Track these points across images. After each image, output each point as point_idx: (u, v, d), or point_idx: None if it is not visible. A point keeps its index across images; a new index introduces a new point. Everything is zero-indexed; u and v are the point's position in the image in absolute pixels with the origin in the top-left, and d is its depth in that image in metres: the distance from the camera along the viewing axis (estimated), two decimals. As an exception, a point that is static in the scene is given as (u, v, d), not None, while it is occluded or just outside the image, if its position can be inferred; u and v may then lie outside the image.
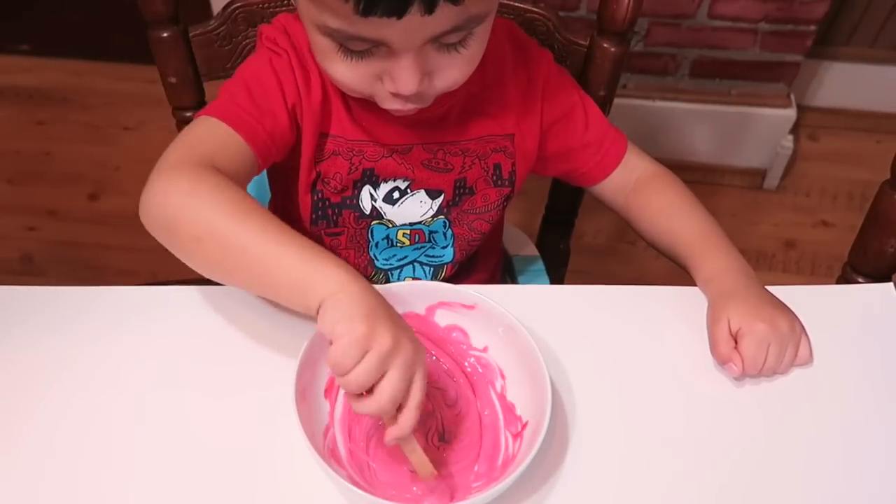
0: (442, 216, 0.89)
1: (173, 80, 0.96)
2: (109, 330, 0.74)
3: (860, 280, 0.89)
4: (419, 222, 0.88)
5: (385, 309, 0.61)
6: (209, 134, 0.74)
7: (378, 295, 0.62)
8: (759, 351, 0.72)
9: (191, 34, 0.94)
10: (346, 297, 0.60)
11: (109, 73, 2.27)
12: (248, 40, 0.95)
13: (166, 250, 0.73)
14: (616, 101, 1.00)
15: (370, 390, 0.58)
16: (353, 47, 0.66)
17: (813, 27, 1.73)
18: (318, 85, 0.79)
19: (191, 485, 0.65)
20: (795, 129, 1.96)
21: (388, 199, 0.86)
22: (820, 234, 1.94)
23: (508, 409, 0.70)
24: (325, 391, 0.69)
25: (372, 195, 0.85)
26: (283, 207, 0.94)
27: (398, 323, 0.61)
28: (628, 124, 1.94)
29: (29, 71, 2.30)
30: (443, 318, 0.73)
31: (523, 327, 0.68)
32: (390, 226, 0.88)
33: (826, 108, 2.14)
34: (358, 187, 0.84)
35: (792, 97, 1.89)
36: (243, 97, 0.76)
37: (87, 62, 2.30)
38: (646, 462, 0.68)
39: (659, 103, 1.90)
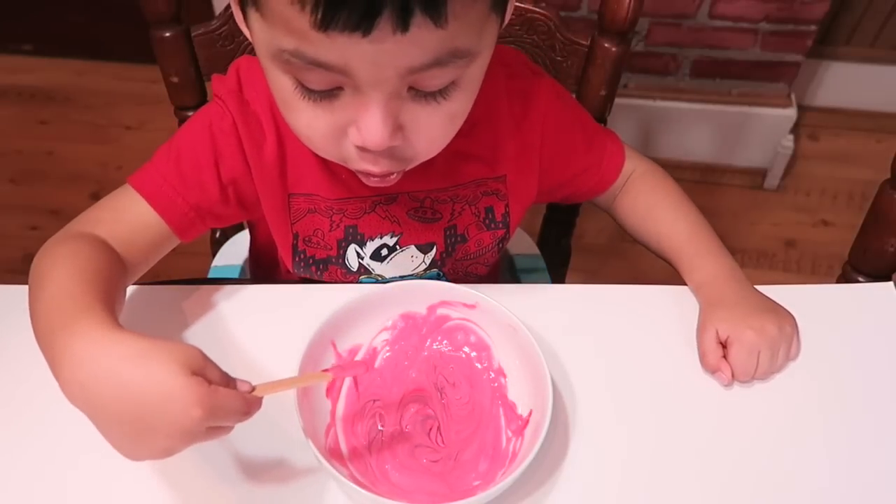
0: (435, 269, 0.84)
1: (175, 79, 0.96)
2: None
3: (860, 279, 0.89)
4: (411, 275, 0.83)
5: (130, 421, 0.52)
6: (115, 203, 0.72)
7: (119, 394, 0.52)
8: (750, 359, 0.72)
9: (193, 34, 0.94)
10: (88, 415, 0.53)
11: (112, 72, 2.27)
12: (249, 40, 0.95)
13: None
14: (617, 100, 1.00)
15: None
16: (312, 84, 0.56)
17: (813, 27, 1.73)
18: (273, 144, 0.73)
19: (192, 484, 0.65)
20: (796, 129, 1.96)
21: (376, 256, 0.80)
22: (820, 233, 1.93)
23: (510, 407, 0.70)
24: (327, 390, 0.69)
25: (359, 253, 0.80)
26: (257, 254, 0.91)
27: (147, 425, 0.52)
28: (629, 124, 1.96)
29: (31, 71, 2.30)
30: (444, 317, 0.74)
31: (524, 326, 0.68)
32: (380, 279, 0.83)
33: (826, 108, 2.14)
34: (342, 247, 0.79)
35: (792, 97, 1.89)
36: (169, 166, 0.72)
37: (89, 62, 2.30)
38: (647, 461, 0.68)
39: (660, 103, 1.90)
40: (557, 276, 1.16)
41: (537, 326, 0.72)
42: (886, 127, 2.11)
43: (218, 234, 1.15)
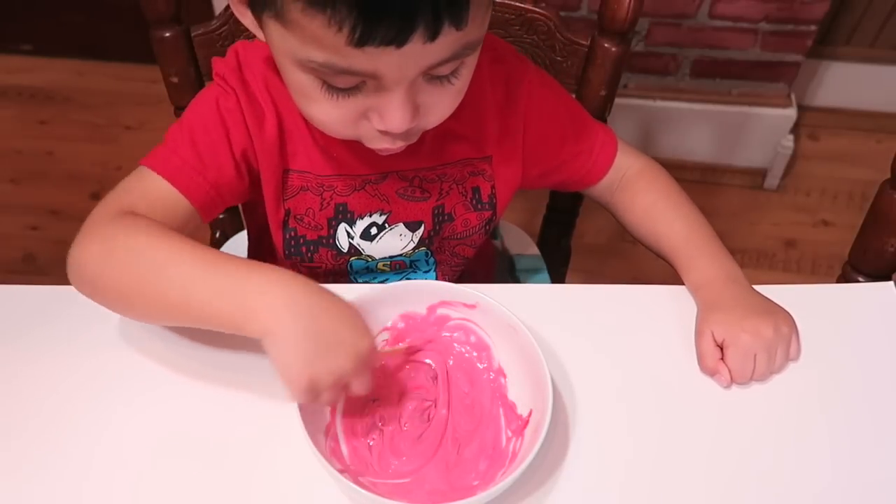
0: (423, 247, 0.85)
1: (175, 79, 0.96)
2: (111, 329, 0.74)
3: (860, 279, 0.89)
4: (400, 255, 0.85)
5: (325, 332, 0.60)
6: (143, 187, 0.73)
7: (316, 309, 0.61)
8: (746, 362, 0.72)
9: (193, 34, 0.94)
10: (279, 338, 0.60)
11: (111, 72, 2.27)
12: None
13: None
14: (617, 100, 1.00)
15: None
16: (338, 84, 0.60)
17: (813, 27, 1.73)
18: (273, 121, 0.75)
19: (192, 483, 0.65)
20: (796, 129, 1.96)
21: (366, 235, 0.82)
22: (820, 233, 1.93)
23: (510, 407, 0.70)
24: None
25: (349, 233, 0.81)
26: (258, 239, 0.92)
27: (337, 338, 0.60)
28: (629, 124, 1.96)
29: (31, 71, 2.29)
30: (444, 317, 0.73)
31: (524, 326, 0.68)
32: (370, 260, 0.84)
33: (826, 108, 2.13)
34: (333, 226, 0.81)
35: (792, 97, 1.89)
36: (186, 147, 0.73)
37: (89, 62, 2.30)
38: (648, 460, 0.68)
39: (659, 103, 1.90)
40: (557, 277, 1.16)
41: (537, 326, 0.71)
42: (886, 127, 2.11)
43: (217, 234, 1.15)
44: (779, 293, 0.78)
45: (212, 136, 0.74)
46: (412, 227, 0.83)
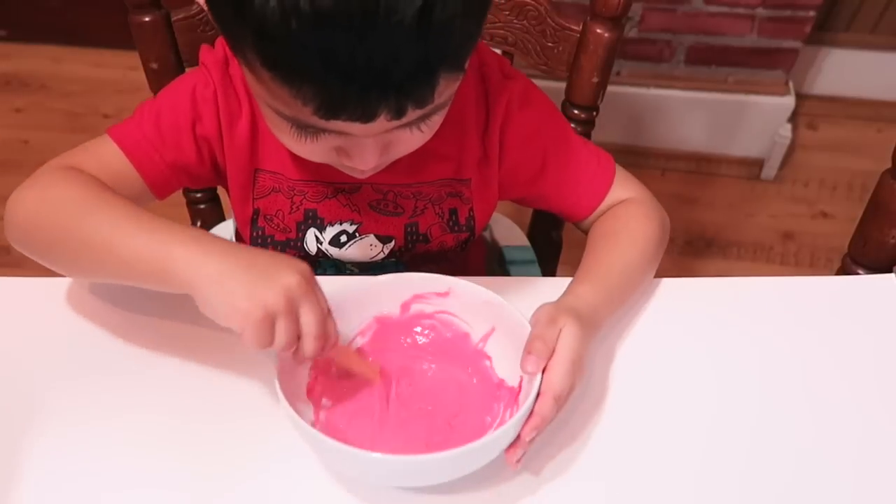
0: (394, 258, 0.84)
1: (155, 66, 0.95)
2: (89, 320, 0.73)
3: (860, 272, 0.88)
4: (370, 262, 0.84)
5: (243, 270, 0.58)
6: (99, 152, 0.74)
7: (234, 257, 0.59)
8: (567, 377, 0.63)
9: (173, 19, 0.93)
10: (208, 281, 0.58)
11: (89, 59, 2.26)
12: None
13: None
14: (609, 88, 0.98)
15: None
16: (307, 129, 0.61)
17: (812, 13, 1.72)
18: (248, 120, 0.76)
19: (183, 471, 0.64)
20: (794, 118, 1.95)
21: (335, 242, 0.82)
22: (819, 225, 1.92)
23: (498, 386, 0.68)
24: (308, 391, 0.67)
25: (318, 238, 0.81)
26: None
27: (272, 261, 0.59)
28: (622, 112, 1.94)
29: (6, 57, 2.27)
30: (418, 315, 0.72)
31: (499, 297, 0.67)
32: (339, 263, 0.84)
33: (825, 96, 2.13)
34: (302, 230, 0.81)
35: (790, 85, 1.88)
36: (150, 123, 0.74)
37: (66, 48, 2.28)
38: (643, 459, 0.67)
39: (653, 91, 1.89)
40: (549, 270, 1.15)
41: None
42: (887, 116, 2.11)
43: (199, 224, 1.13)
44: (778, 286, 0.78)
45: (178, 118, 0.75)
46: (384, 240, 0.83)
